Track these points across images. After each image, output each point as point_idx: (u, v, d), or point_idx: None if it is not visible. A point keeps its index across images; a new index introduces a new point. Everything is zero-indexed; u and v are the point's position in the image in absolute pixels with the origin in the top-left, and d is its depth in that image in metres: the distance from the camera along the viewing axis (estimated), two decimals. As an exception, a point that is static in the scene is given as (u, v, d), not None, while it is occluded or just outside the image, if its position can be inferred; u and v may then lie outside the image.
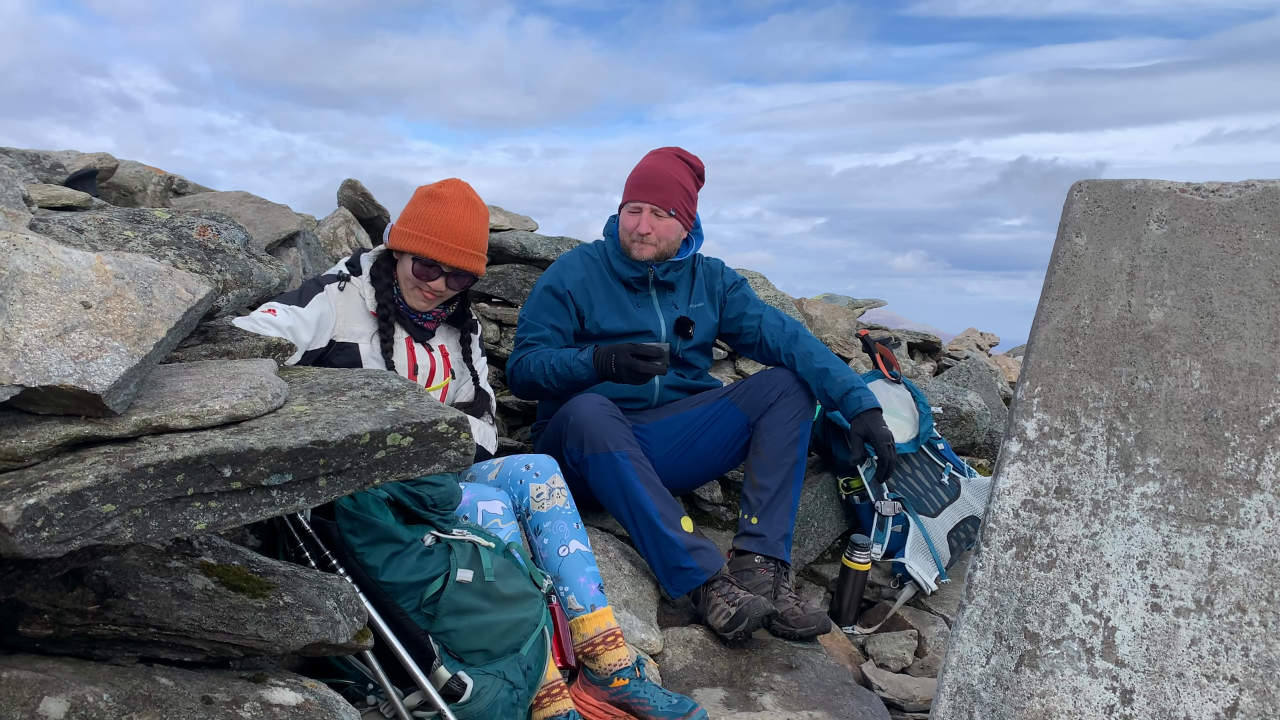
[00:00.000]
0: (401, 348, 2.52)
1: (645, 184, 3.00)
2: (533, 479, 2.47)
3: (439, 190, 2.49)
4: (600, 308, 3.04)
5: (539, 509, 2.44)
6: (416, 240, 2.44)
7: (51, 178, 3.61)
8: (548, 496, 2.45)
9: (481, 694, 1.83)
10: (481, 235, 2.50)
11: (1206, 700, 1.68)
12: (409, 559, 1.90)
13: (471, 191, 2.52)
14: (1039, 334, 1.85)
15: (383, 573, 1.87)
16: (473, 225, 2.47)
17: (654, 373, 2.71)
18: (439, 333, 2.65)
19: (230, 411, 1.29)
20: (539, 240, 4.30)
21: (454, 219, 2.44)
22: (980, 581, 1.81)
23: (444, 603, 1.87)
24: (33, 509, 1.06)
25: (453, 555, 1.94)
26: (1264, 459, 1.69)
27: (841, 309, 5.34)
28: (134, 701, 1.28)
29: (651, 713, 2.24)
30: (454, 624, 1.87)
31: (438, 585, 1.89)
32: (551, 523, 2.42)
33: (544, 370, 2.86)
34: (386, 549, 1.89)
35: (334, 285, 2.46)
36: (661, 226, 3.00)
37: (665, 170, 3.02)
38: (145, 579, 1.43)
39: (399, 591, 1.87)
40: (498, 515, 2.27)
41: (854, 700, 2.45)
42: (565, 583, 2.37)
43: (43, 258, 1.24)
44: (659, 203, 2.98)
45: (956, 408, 4.11)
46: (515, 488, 2.49)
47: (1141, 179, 1.83)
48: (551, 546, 2.40)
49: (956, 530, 3.29)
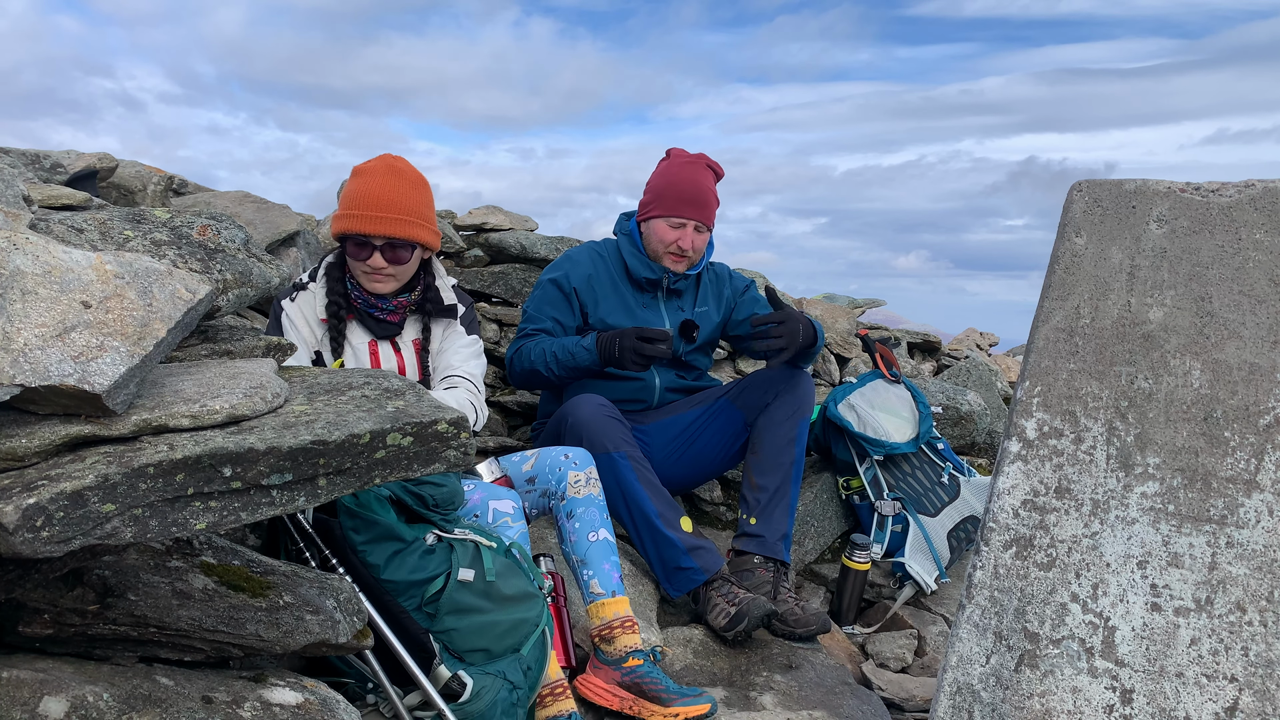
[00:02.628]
0: (362, 351, 2.45)
1: (690, 200, 2.99)
2: (571, 466, 2.53)
3: (362, 166, 2.41)
4: (605, 305, 3.03)
5: (574, 494, 2.50)
6: (343, 220, 2.36)
7: (52, 177, 3.61)
8: (584, 484, 2.51)
9: (481, 694, 1.83)
10: (410, 200, 2.37)
11: (1206, 700, 1.68)
12: (410, 557, 1.90)
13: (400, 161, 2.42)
14: (1039, 334, 1.85)
15: (384, 571, 1.87)
16: (396, 191, 2.36)
17: (658, 355, 2.70)
18: (409, 326, 2.53)
19: (230, 411, 1.29)
20: (539, 240, 4.30)
21: (374, 188, 2.34)
22: (980, 581, 1.81)
23: (445, 602, 1.88)
24: (33, 509, 1.06)
25: (454, 555, 1.94)
26: (1264, 459, 1.69)
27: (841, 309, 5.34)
28: (134, 701, 1.28)
29: (663, 691, 2.25)
30: (455, 623, 1.87)
31: (439, 584, 1.89)
32: (585, 508, 2.48)
33: (545, 357, 2.85)
34: (388, 547, 1.89)
35: (287, 299, 2.41)
36: (700, 241, 3.03)
37: (705, 185, 3.02)
38: (145, 579, 1.43)
39: (400, 590, 1.87)
40: (508, 514, 2.28)
41: (854, 700, 2.45)
42: (590, 566, 2.42)
43: (43, 257, 1.24)
44: (703, 219, 3.00)
45: (956, 407, 4.11)
46: (554, 474, 2.53)
47: (1141, 179, 1.83)
48: (582, 531, 2.46)
49: (956, 530, 3.29)
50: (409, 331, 2.53)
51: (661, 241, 3.02)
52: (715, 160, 3.09)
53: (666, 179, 3.05)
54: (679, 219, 2.99)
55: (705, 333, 3.17)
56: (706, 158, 3.08)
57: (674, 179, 3.03)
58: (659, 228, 3.02)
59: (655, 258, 3.05)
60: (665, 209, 3.01)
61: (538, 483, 2.54)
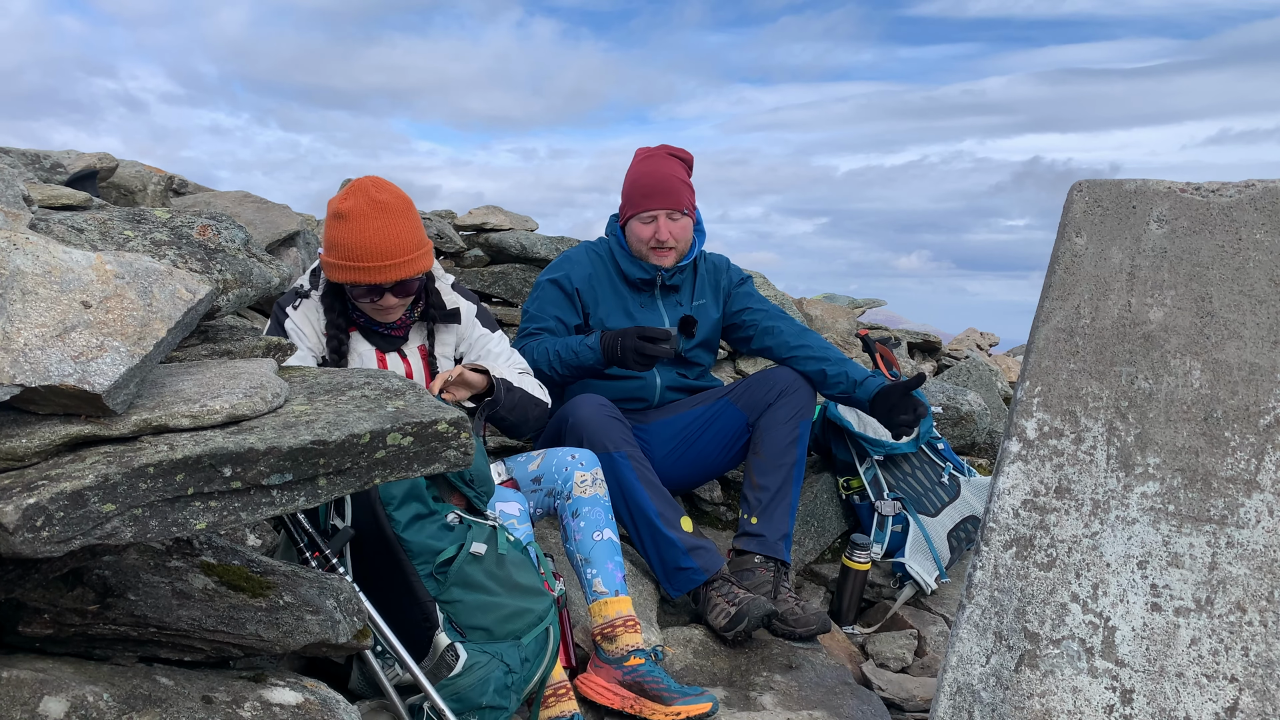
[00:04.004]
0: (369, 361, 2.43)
1: (651, 191, 2.98)
2: (578, 467, 2.54)
3: (342, 207, 2.26)
4: (605, 305, 3.04)
5: (580, 494, 2.50)
6: (342, 271, 2.27)
7: (52, 177, 3.61)
8: (591, 484, 2.52)
9: (473, 668, 1.86)
10: (407, 236, 2.28)
11: (1206, 700, 1.68)
12: (431, 525, 1.95)
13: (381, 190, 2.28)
14: (1039, 334, 1.85)
15: (405, 529, 1.92)
16: (392, 231, 2.25)
17: (661, 355, 2.71)
18: (413, 334, 2.51)
19: (230, 411, 1.29)
20: (539, 240, 4.30)
21: (369, 236, 2.23)
22: (980, 581, 1.81)
23: (454, 572, 1.92)
24: (33, 509, 1.06)
25: (471, 531, 1.99)
26: (1264, 459, 1.69)
27: (842, 309, 5.34)
28: (134, 701, 1.28)
29: (665, 690, 2.25)
30: (461, 595, 1.92)
31: (451, 552, 1.94)
32: (591, 508, 2.49)
33: (548, 356, 2.85)
34: (413, 508, 1.94)
35: (290, 308, 2.37)
36: (677, 229, 3.00)
37: (665, 171, 3.01)
38: (145, 578, 1.43)
39: (415, 553, 1.92)
40: (514, 516, 2.29)
41: (854, 700, 2.45)
42: (594, 565, 2.43)
43: (43, 257, 1.24)
44: (672, 206, 2.98)
45: (956, 407, 4.11)
46: (560, 474, 2.53)
47: (1141, 179, 1.83)
48: (588, 530, 2.47)
49: (956, 530, 3.29)
50: (414, 339, 2.52)
51: (640, 240, 3.02)
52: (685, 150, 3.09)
53: (630, 178, 3.06)
54: (648, 213, 2.99)
55: (705, 328, 3.16)
56: (668, 147, 3.09)
57: (635, 176, 3.04)
58: (635, 228, 3.02)
59: (642, 257, 3.05)
60: (635, 207, 3.01)
61: (543, 482, 2.54)
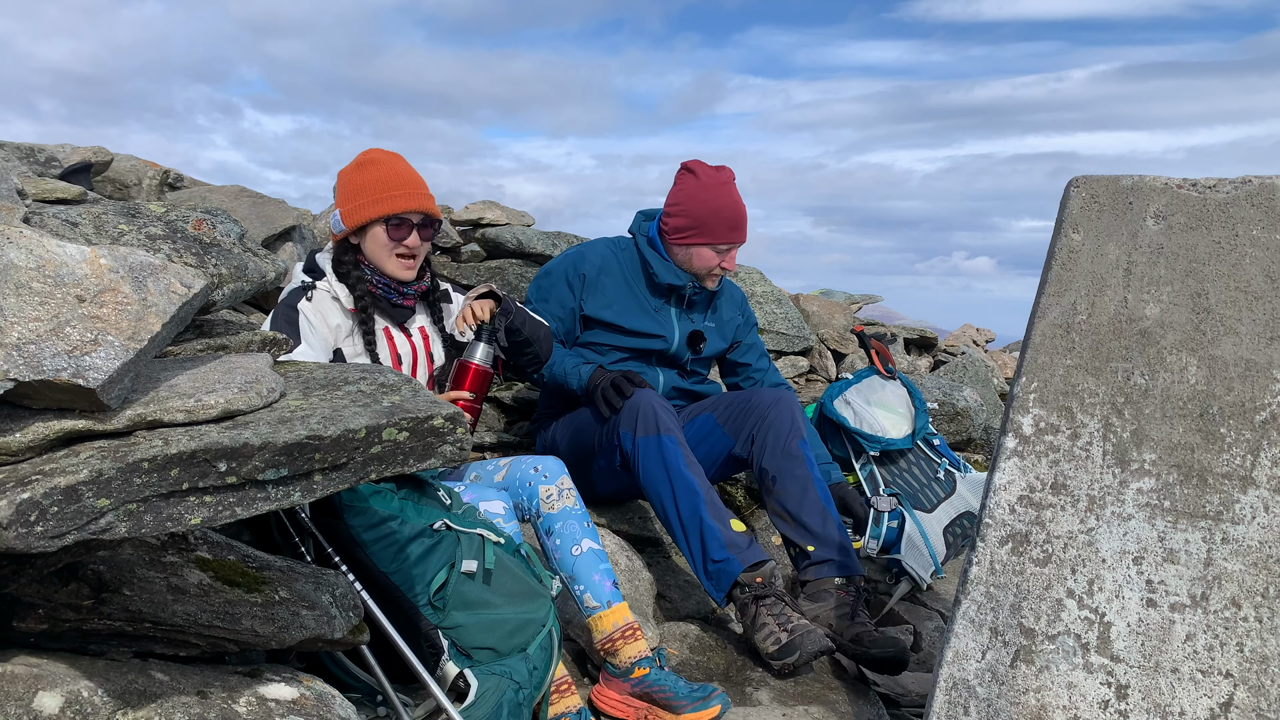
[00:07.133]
0: (382, 340, 2.45)
1: (736, 224, 2.97)
2: (542, 480, 2.45)
3: (366, 157, 2.49)
4: (608, 299, 2.99)
5: (549, 510, 2.42)
6: (376, 204, 2.38)
7: (46, 171, 3.60)
8: (557, 498, 2.43)
9: (486, 695, 1.82)
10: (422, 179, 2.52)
11: (1201, 695, 1.68)
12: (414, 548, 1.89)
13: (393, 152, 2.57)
14: (1035, 330, 1.85)
15: (390, 564, 1.87)
16: (413, 172, 2.49)
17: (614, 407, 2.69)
18: (417, 312, 2.56)
19: (225, 406, 1.29)
20: (535, 235, 4.29)
21: (398, 170, 2.45)
22: (976, 577, 1.82)
23: (451, 595, 1.88)
24: (26, 504, 1.06)
25: (460, 547, 1.94)
26: (1259, 455, 1.70)
27: (838, 304, 5.34)
28: (129, 696, 1.27)
29: (673, 698, 2.23)
30: (463, 619, 1.87)
31: (443, 577, 1.89)
32: (563, 523, 2.40)
33: None
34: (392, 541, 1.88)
35: (303, 301, 2.36)
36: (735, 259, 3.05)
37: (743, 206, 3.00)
38: (140, 574, 1.43)
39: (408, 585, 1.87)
40: (499, 515, 2.25)
41: (849, 695, 2.45)
42: (580, 581, 2.35)
43: (36, 251, 1.23)
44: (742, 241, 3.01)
45: (952, 403, 4.12)
46: (524, 490, 2.45)
47: (1138, 174, 1.83)
48: (564, 546, 2.38)
49: (952, 526, 3.30)
50: (416, 319, 2.56)
51: (705, 266, 2.98)
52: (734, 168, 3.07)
53: (707, 205, 2.95)
54: (725, 245, 2.96)
55: (710, 348, 3.15)
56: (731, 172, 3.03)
57: (715, 205, 2.95)
58: (704, 254, 2.96)
59: (694, 274, 3.02)
60: (712, 237, 2.94)
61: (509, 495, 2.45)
